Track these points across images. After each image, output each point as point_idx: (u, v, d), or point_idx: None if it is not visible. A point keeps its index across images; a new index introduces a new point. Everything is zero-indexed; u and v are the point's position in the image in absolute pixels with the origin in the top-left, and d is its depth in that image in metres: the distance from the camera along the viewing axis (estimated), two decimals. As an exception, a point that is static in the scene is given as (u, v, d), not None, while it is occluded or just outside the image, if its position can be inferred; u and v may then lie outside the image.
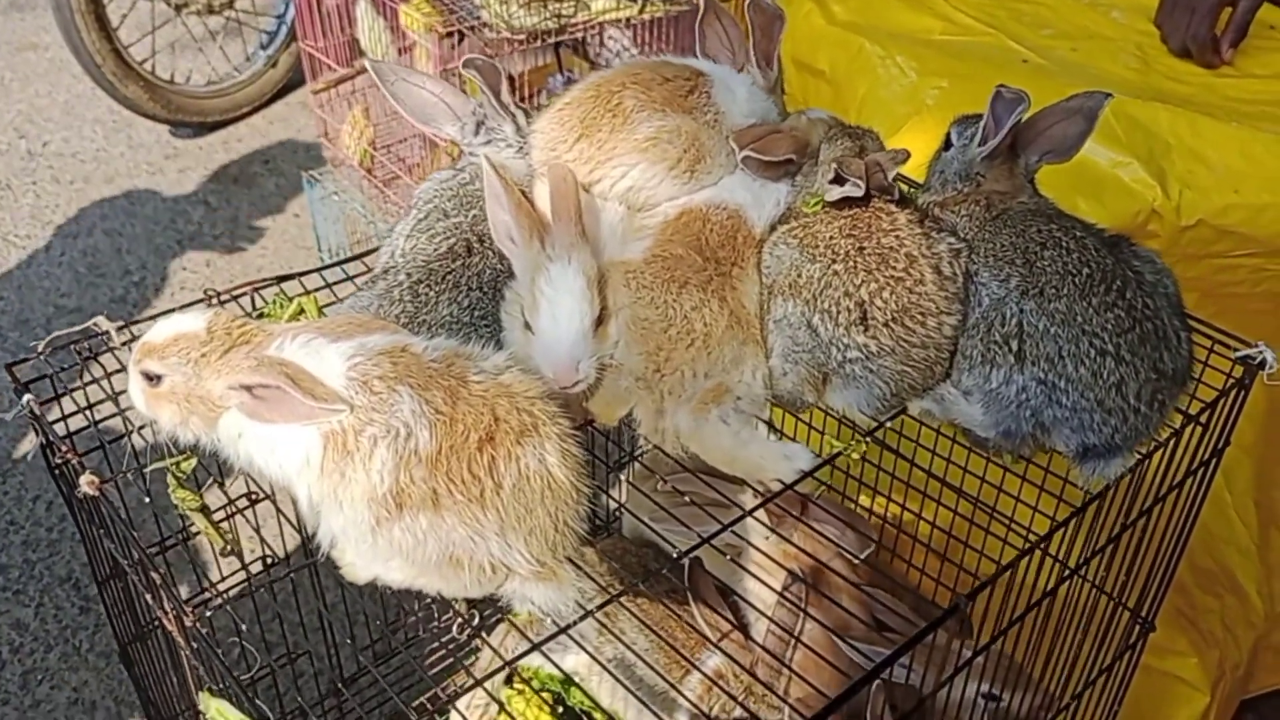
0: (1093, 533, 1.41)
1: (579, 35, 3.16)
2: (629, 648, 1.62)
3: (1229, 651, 2.65)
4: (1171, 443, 1.42)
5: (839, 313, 1.39)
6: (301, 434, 1.22)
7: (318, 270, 1.65)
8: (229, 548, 1.40)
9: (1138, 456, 1.39)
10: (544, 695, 2.25)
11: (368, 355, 1.24)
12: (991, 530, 1.72)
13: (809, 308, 1.40)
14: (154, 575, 1.20)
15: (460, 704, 2.24)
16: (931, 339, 1.40)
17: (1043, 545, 1.22)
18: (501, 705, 2.20)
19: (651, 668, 1.66)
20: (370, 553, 1.22)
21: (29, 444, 3.60)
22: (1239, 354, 1.47)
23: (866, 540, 1.97)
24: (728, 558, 1.65)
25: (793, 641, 2.04)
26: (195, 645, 1.25)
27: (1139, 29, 3.08)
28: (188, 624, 1.18)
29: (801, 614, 1.95)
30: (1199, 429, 1.48)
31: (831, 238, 1.42)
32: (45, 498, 3.43)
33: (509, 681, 2.25)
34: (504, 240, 1.41)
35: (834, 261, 1.41)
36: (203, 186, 4.94)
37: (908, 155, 1.45)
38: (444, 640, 2.17)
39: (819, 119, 1.65)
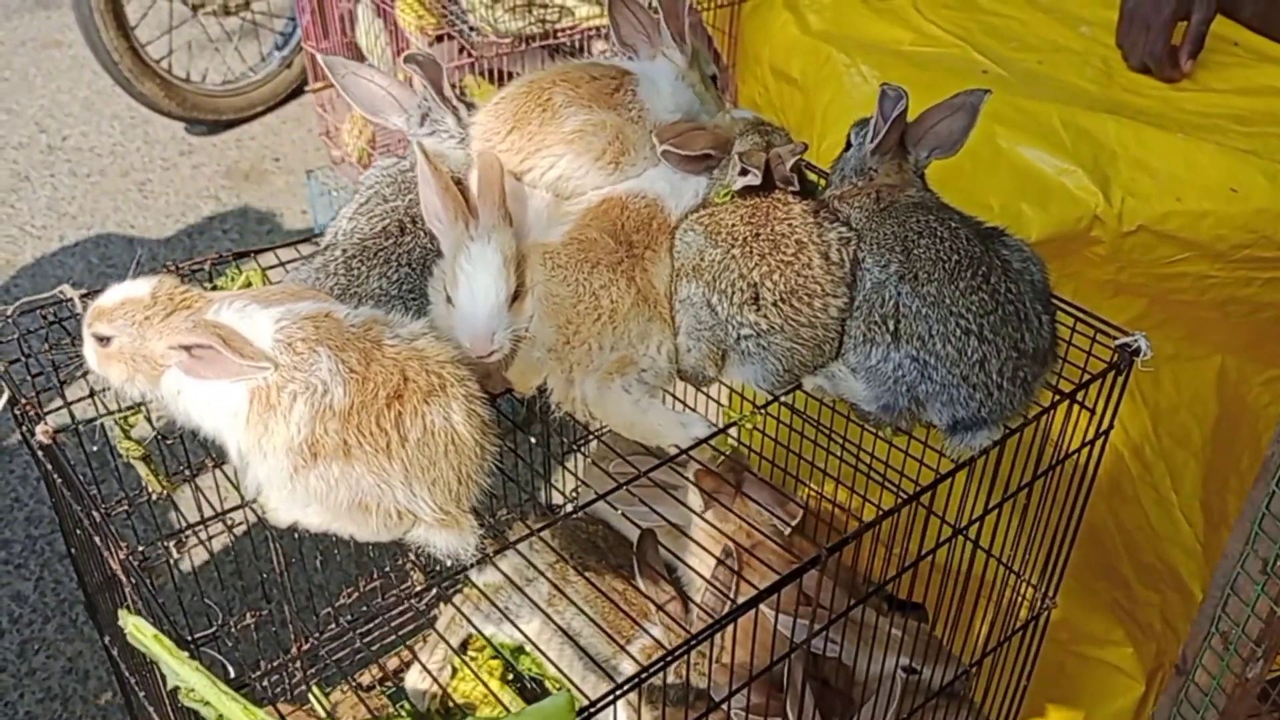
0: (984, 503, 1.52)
1: (566, 41, 3.28)
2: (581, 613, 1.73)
3: (1167, 644, 2.73)
4: (1045, 419, 1.52)
5: (734, 293, 1.50)
6: (231, 390, 1.35)
7: (272, 249, 1.78)
8: (166, 490, 1.53)
9: (1005, 430, 1.49)
10: (495, 663, 2.37)
11: (294, 319, 1.37)
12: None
13: (709, 288, 1.52)
14: (95, 514, 1.33)
15: (413, 671, 2.36)
16: (818, 319, 1.51)
17: (918, 499, 1.33)
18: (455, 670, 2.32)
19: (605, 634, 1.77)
20: (290, 498, 1.35)
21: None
22: (1118, 342, 1.57)
23: (796, 509, 2.08)
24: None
25: (726, 610, 2.16)
26: (142, 592, 1.37)
27: (1105, 43, 3.17)
28: (123, 557, 1.31)
29: (735, 583, 2.07)
30: (1083, 412, 1.58)
31: (733, 225, 1.54)
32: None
33: (462, 650, 2.38)
34: (432, 220, 1.54)
35: (732, 246, 1.52)
36: (214, 182, 5.11)
37: (804, 147, 1.57)
38: (397, 611, 2.30)
39: (741, 118, 1.76)
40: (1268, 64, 3.02)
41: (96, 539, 1.43)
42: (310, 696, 1.96)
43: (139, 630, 1.19)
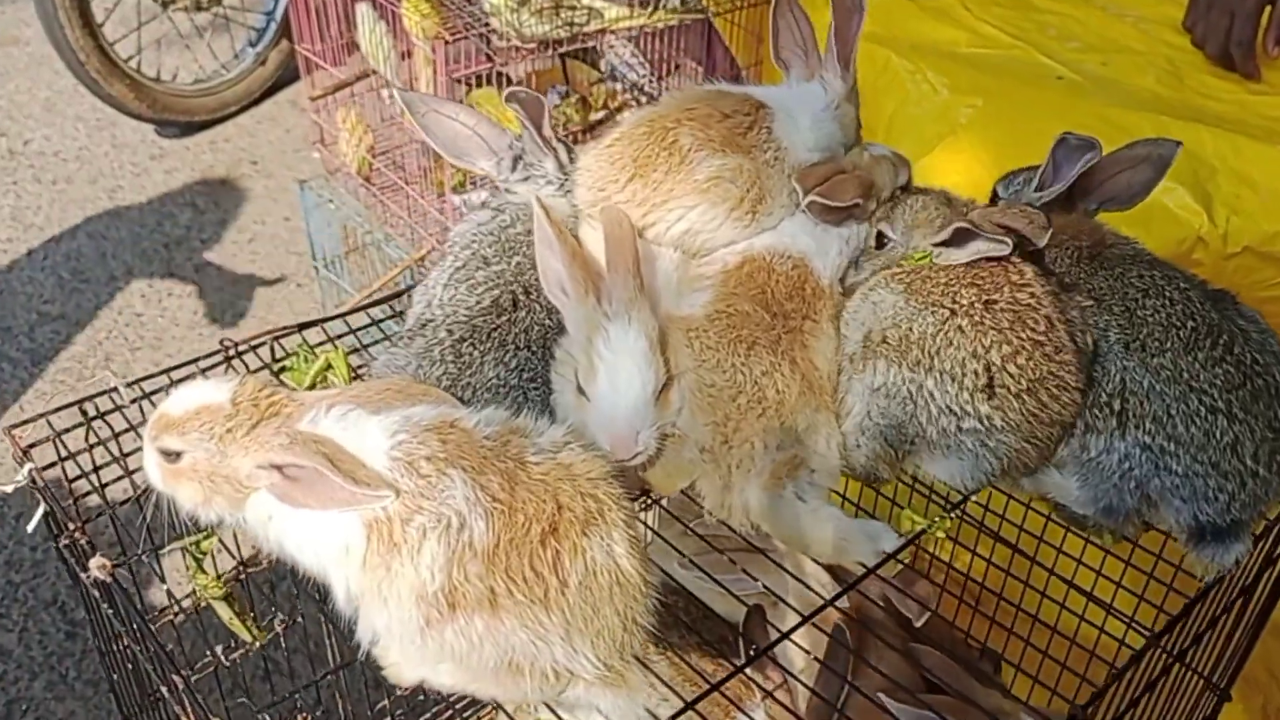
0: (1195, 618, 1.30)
1: (590, 45, 3.03)
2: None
3: (1273, 695, 2.56)
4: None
5: (963, 375, 1.24)
6: (341, 521, 1.10)
7: (340, 316, 1.52)
8: (255, 641, 1.27)
9: (1253, 538, 1.27)
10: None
11: (414, 432, 1.11)
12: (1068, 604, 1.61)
13: (920, 369, 1.26)
14: (175, 679, 1.07)
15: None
16: (1062, 416, 1.26)
17: (1158, 642, 1.11)
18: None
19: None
20: (418, 655, 1.10)
21: (11, 463, 3.45)
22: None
23: (927, 590, 1.86)
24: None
25: (839, 699, 1.93)
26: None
27: (1167, 41, 2.98)
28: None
29: (848, 668, 1.84)
30: None
31: (947, 284, 1.28)
32: (29, 515, 3.28)
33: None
34: (555, 292, 1.29)
35: (954, 315, 1.27)
36: (189, 188, 4.78)
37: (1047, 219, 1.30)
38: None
39: (883, 156, 1.53)
40: (1347, 60, 2.84)
41: (166, 692, 1.17)
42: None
43: None
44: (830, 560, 1.29)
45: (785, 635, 1.30)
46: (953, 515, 1.32)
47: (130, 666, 1.37)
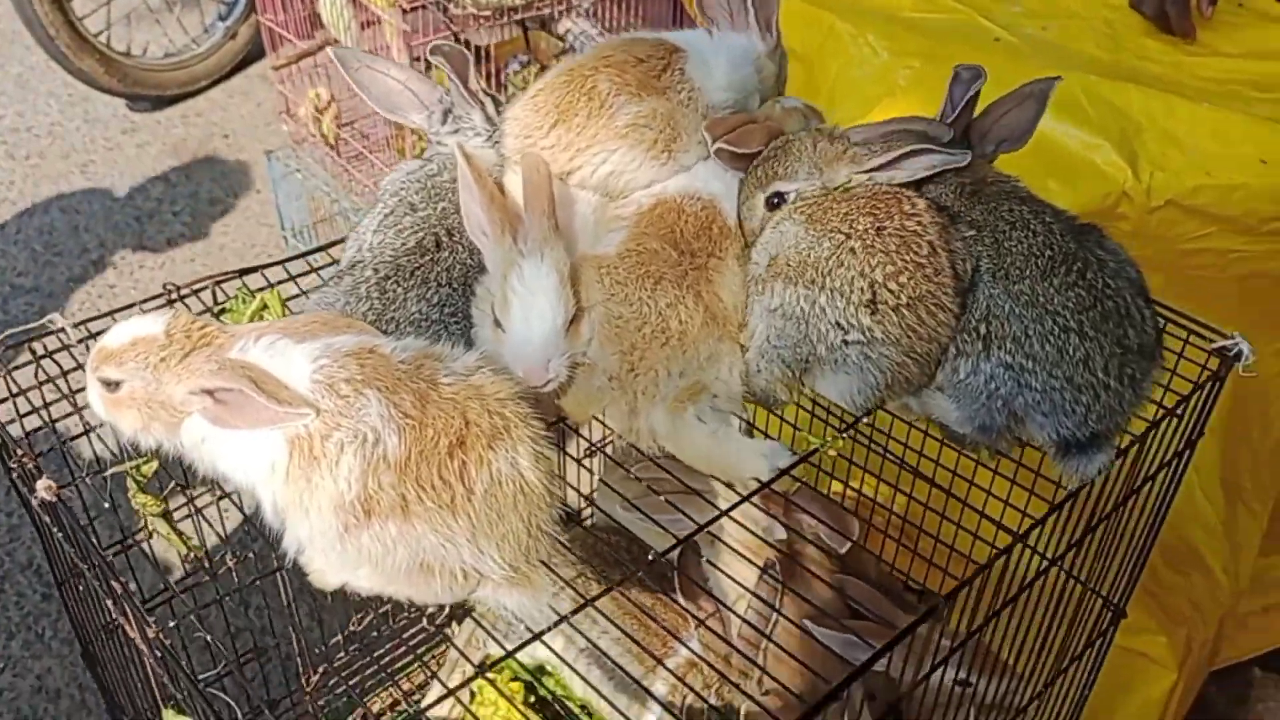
0: (1068, 524, 1.40)
1: (545, 12, 3.10)
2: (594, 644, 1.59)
3: (1196, 629, 2.68)
4: (1148, 436, 1.41)
5: (851, 291, 1.34)
6: (266, 439, 1.19)
7: (281, 263, 1.60)
8: (193, 554, 1.36)
9: (1117, 450, 1.37)
10: (516, 685, 2.24)
11: (334, 357, 1.20)
12: (962, 524, 1.71)
13: (815, 288, 1.36)
14: (115, 585, 1.16)
15: (430, 695, 2.22)
16: (937, 334, 1.36)
17: (1024, 540, 1.20)
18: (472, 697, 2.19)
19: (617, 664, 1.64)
20: (338, 560, 1.19)
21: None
22: (1215, 345, 1.46)
23: (852, 525, 1.96)
24: (704, 558, 1.63)
25: (769, 628, 2.04)
26: (158, 653, 1.21)
27: (1107, 4, 3.07)
28: (150, 634, 1.15)
29: (777, 599, 1.94)
30: (1173, 420, 1.47)
31: (846, 213, 1.38)
32: (4, 482, 3.36)
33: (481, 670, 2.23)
34: (476, 233, 1.38)
35: (849, 239, 1.36)
36: (162, 162, 4.84)
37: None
38: (411, 633, 2.15)
39: (794, 108, 1.61)
40: (1274, 25, 2.93)
41: (110, 604, 1.26)
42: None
43: (184, 729, 1.04)
44: (731, 477, 1.39)
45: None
46: (844, 435, 1.41)
47: (82, 588, 1.46)
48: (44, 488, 1.26)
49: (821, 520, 1.96)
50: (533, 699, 2.23)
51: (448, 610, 2.29)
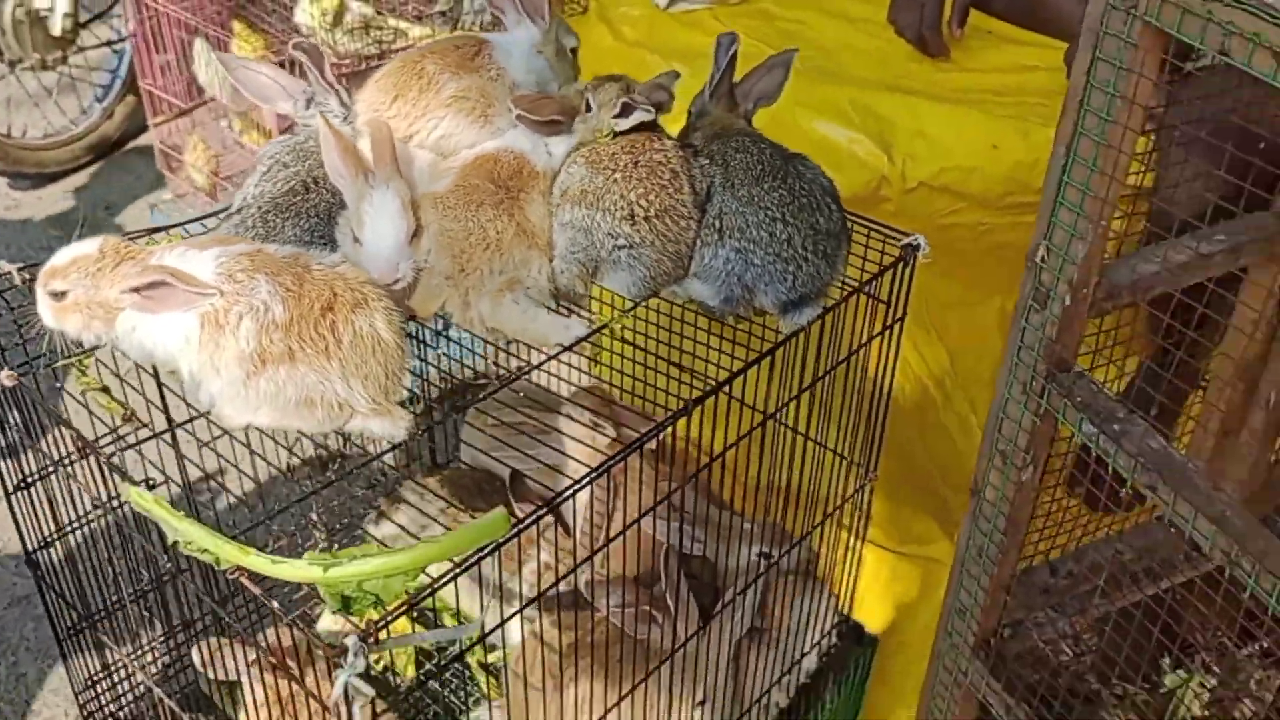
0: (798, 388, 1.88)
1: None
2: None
3: (949, 500, 3.14)
4: (848, 310, 1.90)
5: (615, 209, 1.82)
6: (182, 319, 1.59)
7: (182, 225, 2.00)
8: (128, 412, 1.73)
9: (823, 308, 1.86)
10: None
11: (230, 256, 1.61)
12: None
13: (592, 208, 1.83)
14: (65, 431, 1.53)
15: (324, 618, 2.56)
16: (682, 236, 1.85)
17: (725, 389, 1.67)
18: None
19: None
20: (243, 404, 1.59)
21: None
22: (903, 242, 1.96)
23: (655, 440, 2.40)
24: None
25: (605, 526, 2.47)
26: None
27: (882, 37, 3.66)
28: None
29: (610, 499, 2.37)
30: (878, 305, 1.96)
31: (615, 154, 1.86)
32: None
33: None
34: (336, 177, 1.80)
35: (615, 171, 1.84)
36: (46, 234, 5.11)
37: (677, 75, 1.92)
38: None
39: (594, 83, 2.09)
40: (1014, 45, 3.57)
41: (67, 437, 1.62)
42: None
43: (140, 497, 1.40)
44: (542, 344, 1.83)
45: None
46: (625, 314, 1.87)
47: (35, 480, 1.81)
48: (5, 376, 1.63)
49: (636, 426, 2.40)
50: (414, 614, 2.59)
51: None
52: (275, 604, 1.38)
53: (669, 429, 2.45)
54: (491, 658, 2.54)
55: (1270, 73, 1.25)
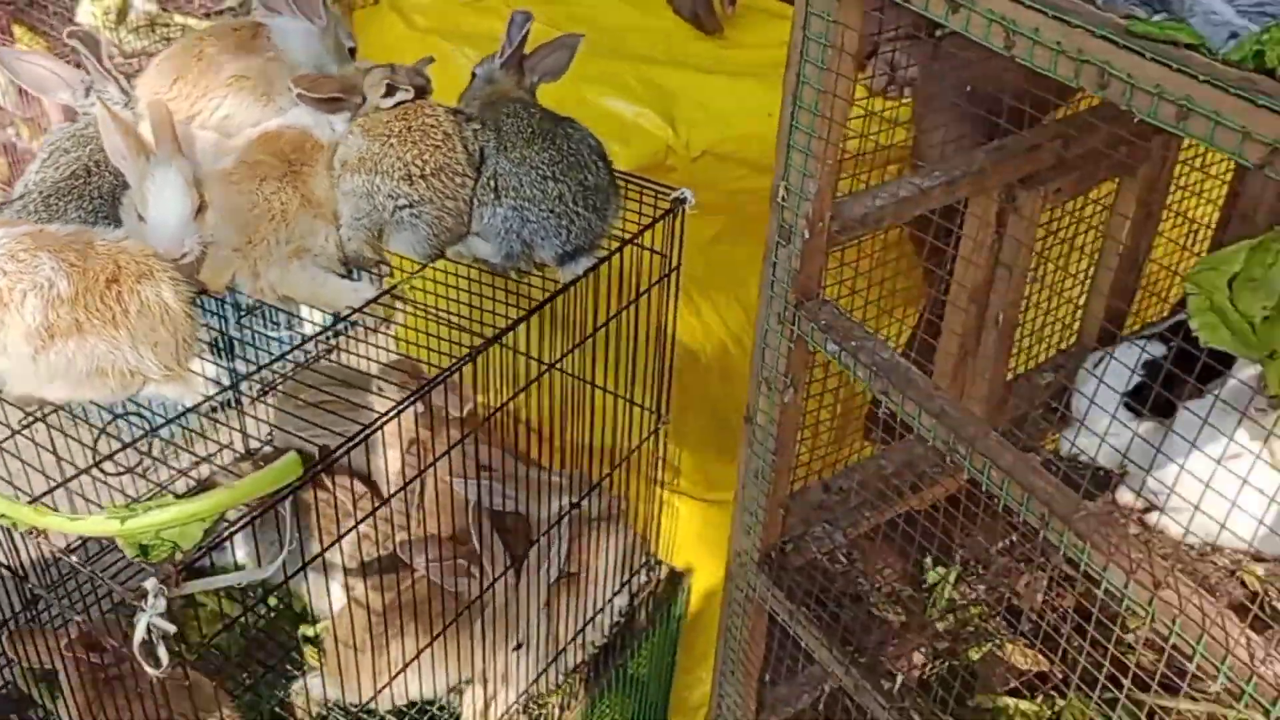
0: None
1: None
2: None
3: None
4: (623, 260, 2.05)
5: (393, 171, 1.92)
6: (-36, 302, 1.62)
7: (-38, 217, 2.00)
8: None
9: (598, 258, 2.01)
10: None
11: (11, 237, 1.65)
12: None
13: (372, 173, 1.92)
14: None
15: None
16: (459, 193, 1.96)
17: (499, 341, 1.80)
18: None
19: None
20: (33, 379, 1.63)
21: None
22: (671, 196, 2.13)
23: (468, 396, 2.52)
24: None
25: (418, 490, 2.57)
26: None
27: (669, 19, 3.85)
28: None
29: (421, 465, 2.47)
30: (652, 255, 2.12)
31: (389, 122, 1.97)
32: None
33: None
34: (118, 159, 1.85)
35: (390, 138, 1.95)
36: None
37: (431, 59, 2.03)
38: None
39: (372, 69, 2.19)
40: (787, 21, 3.82)
41: None
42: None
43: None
44: (333, 308, 1.92)
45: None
46: (417, 275, 1.98)
47: None
48: None
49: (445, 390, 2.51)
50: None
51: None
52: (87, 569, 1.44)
53: (467, 388, 2.59)
54: (318, 629, 2.61)
55: (943, 15, 1.46)
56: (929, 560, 2.19)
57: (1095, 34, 1.28)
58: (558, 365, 2.04)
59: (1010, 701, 1.92)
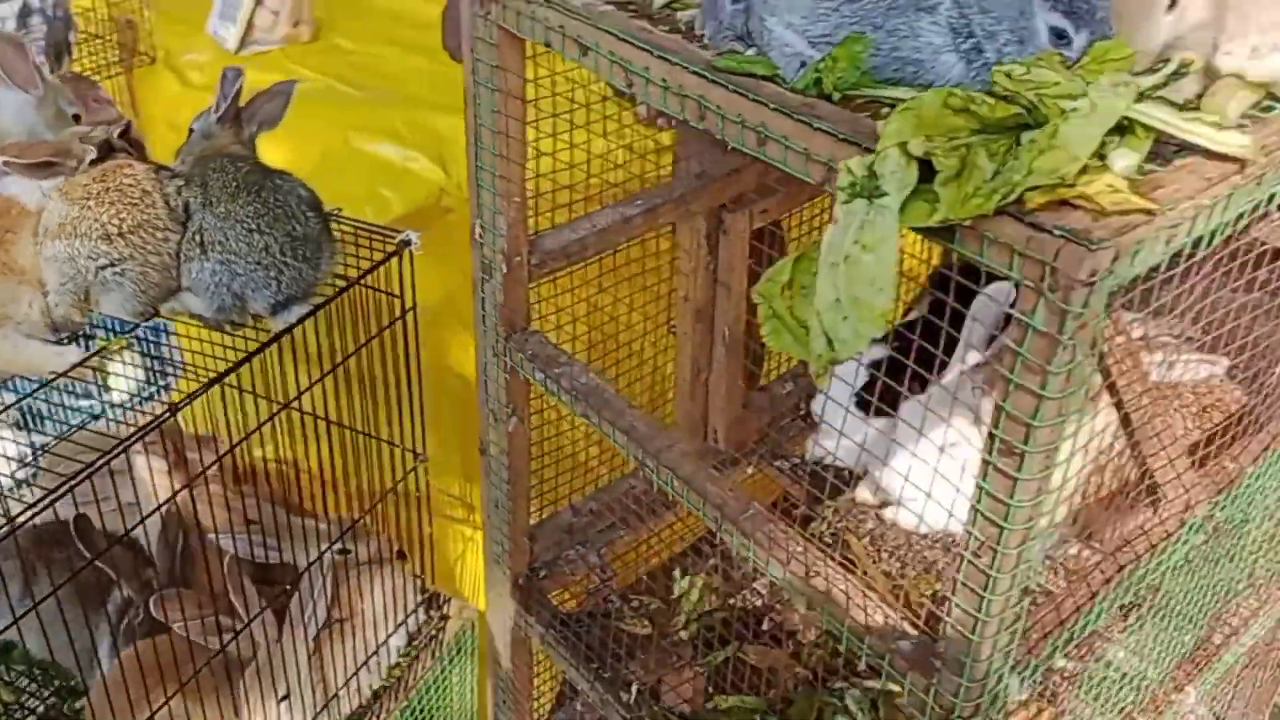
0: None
1: None
2: None
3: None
4: (350, 301, 2.09)
5: (91, 232, 1.91)
6: None
7: None
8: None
9: (315, 305, 2.04)
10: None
11: None
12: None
13: (71, 237, 1.92)
14: None
15: None
16: (162, 247, 1.95)
17: (224, 381, 1.82)
18: None
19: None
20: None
21: None
22: (398, 239, 2.17)
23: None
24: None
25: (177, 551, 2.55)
26: None
27: (440, 63, 3.91)
28: None
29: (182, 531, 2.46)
30: (383, 296, 2.16)
31: (86, 185, 1.96)
32: None
33: None
34: None
35: (88, 200, 1.94)
36: None
37: (123, 121, 2.06)
38: None
39: (84, 134, 2.19)
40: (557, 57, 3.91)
41: None
42: None
43: None
44: (36, 372, 1.91)
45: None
46: (127, 336, 1.99)
47: None
48: None
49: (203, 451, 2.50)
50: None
51: None
52: None
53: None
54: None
55: (576, 57, 1.55)
56: (678, 572, 2.27)
57: (690, 70, 1.37)
58: (294, 405, 2.05)
59: (743, 699, 1.99)
